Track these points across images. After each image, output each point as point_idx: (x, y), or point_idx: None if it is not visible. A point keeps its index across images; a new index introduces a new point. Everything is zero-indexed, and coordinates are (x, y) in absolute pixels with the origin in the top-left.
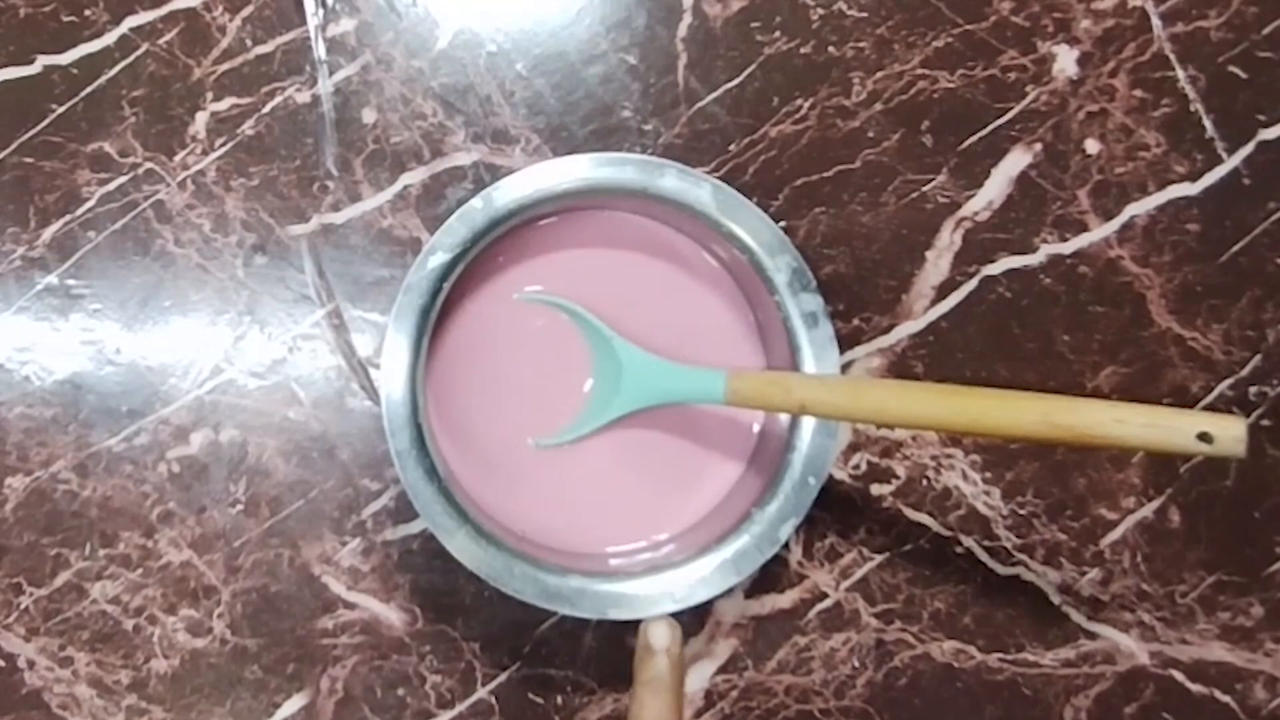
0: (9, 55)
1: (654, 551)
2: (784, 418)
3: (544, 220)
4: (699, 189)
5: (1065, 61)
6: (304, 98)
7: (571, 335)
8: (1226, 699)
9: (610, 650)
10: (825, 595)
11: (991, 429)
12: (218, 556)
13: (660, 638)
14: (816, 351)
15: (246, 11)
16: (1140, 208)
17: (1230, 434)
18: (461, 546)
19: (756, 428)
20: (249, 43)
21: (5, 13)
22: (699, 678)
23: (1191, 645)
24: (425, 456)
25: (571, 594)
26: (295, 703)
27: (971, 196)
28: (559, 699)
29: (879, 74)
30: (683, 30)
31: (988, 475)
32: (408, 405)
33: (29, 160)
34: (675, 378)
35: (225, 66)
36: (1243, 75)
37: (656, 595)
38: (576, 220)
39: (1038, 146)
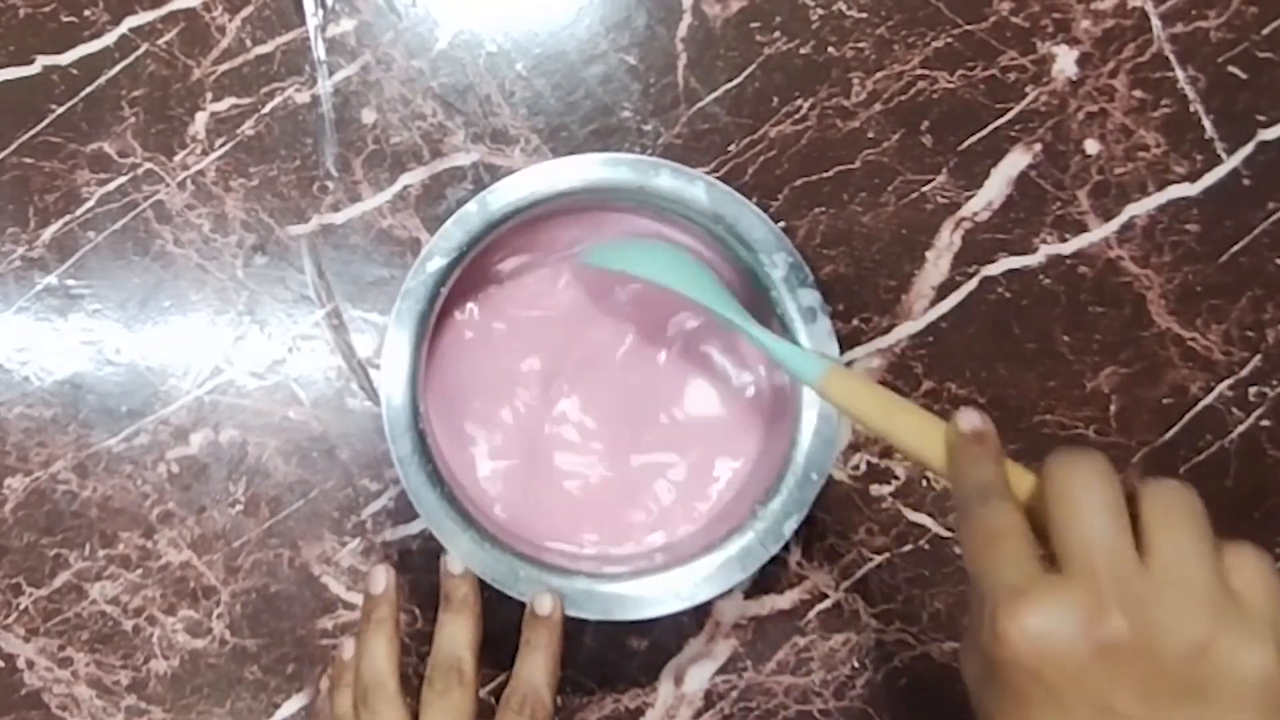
0: (9, 55)
1: (658, 551)
2: (785, 415)
3: (541, 221)
4: (693, 187)
5: (1065, 62)
6: (304, 98)
7: (570, 333)
8: None
9: (610, 651)
10: (825, 595)
11: None
12: (217, 557)
13: (544, 606)
14: (816, 346)
15: (246, 12)
16: (1140, 208)
17: None
18: (466, 551)
19: (758, 425)
20: (249, 43)
21: (5, 13)
22: (699, 678)
23: None
24: (428, 462)
25: (577, 596)
26: (295, 703)
27: (971, 197)
28: (559, 699)
29: (879, 74)
30: (683, 30)
31: None
32: (409, 411)
33: (29, 160)
34: (775, 348)
35: (225, 67)
36: (1243, 75)
37: (661, 594)
38: (573, 220)
39: (1037, 147)
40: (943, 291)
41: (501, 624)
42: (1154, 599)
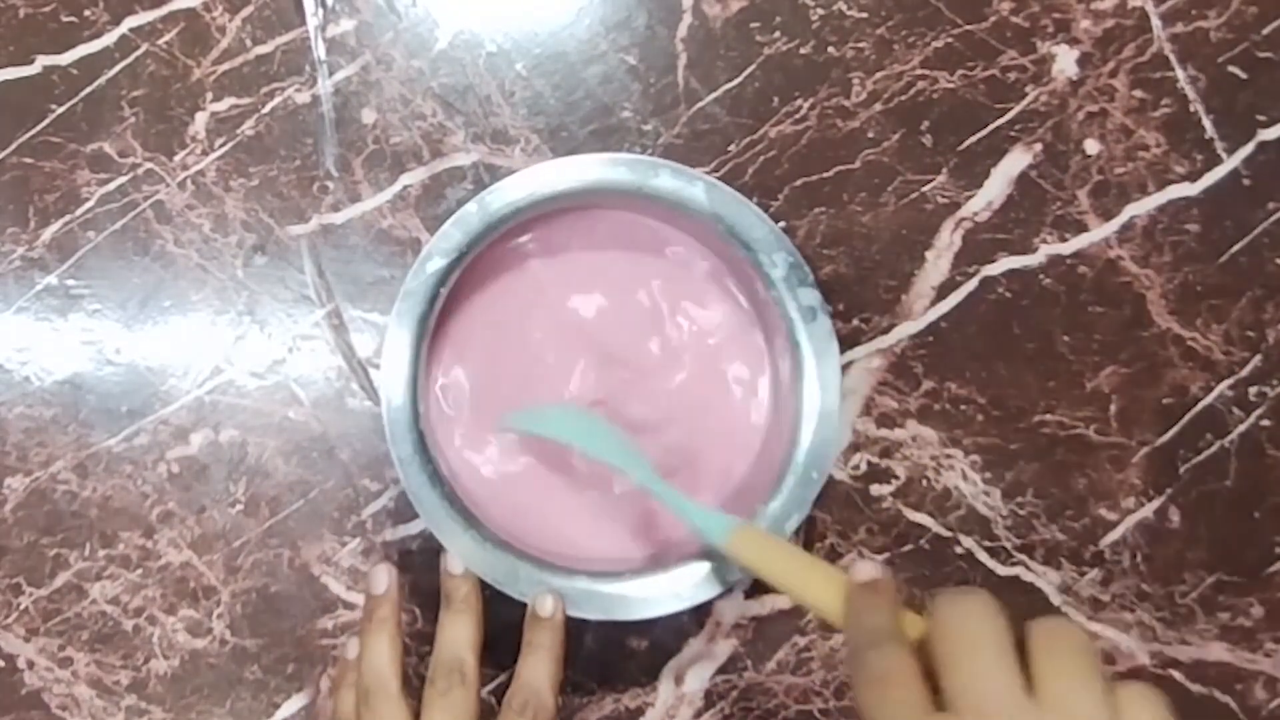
0: (9, 55)
1: (658, 551)
2: (785, 413)
3: (540, 221)
4: (693, 187)
5: (1065, 62)
6: (304, 98)
7: (571, 334)
8: (1226, 699)
9: (610, 651)
10: None
11: None
12: (217, 557)
13: (545, 607)
14: (816, 346)
15: (246, 12)
16: (1140, 208)
17: None
18: (467, 552)
19: (758, 425)
20: (249, 43)
21: (5, 13)
22: (699, 678)
23: (1191, 645)
24: (428, 463)
25: (577, 595)
26: (295, 703)
27: (971, 197)
28: (559, 699)
29: (879, 74)
30: (683, 30)
31: (988, 475)
32: (409, 412)
33: (29, 160)
34: (684, 507)
35: (225, 67)
36: (1243, 75)
37: (662, 594)
38: (573, 221)
39: (1037, 147)
40: (943, 291)
41: (503, 624)
42: None
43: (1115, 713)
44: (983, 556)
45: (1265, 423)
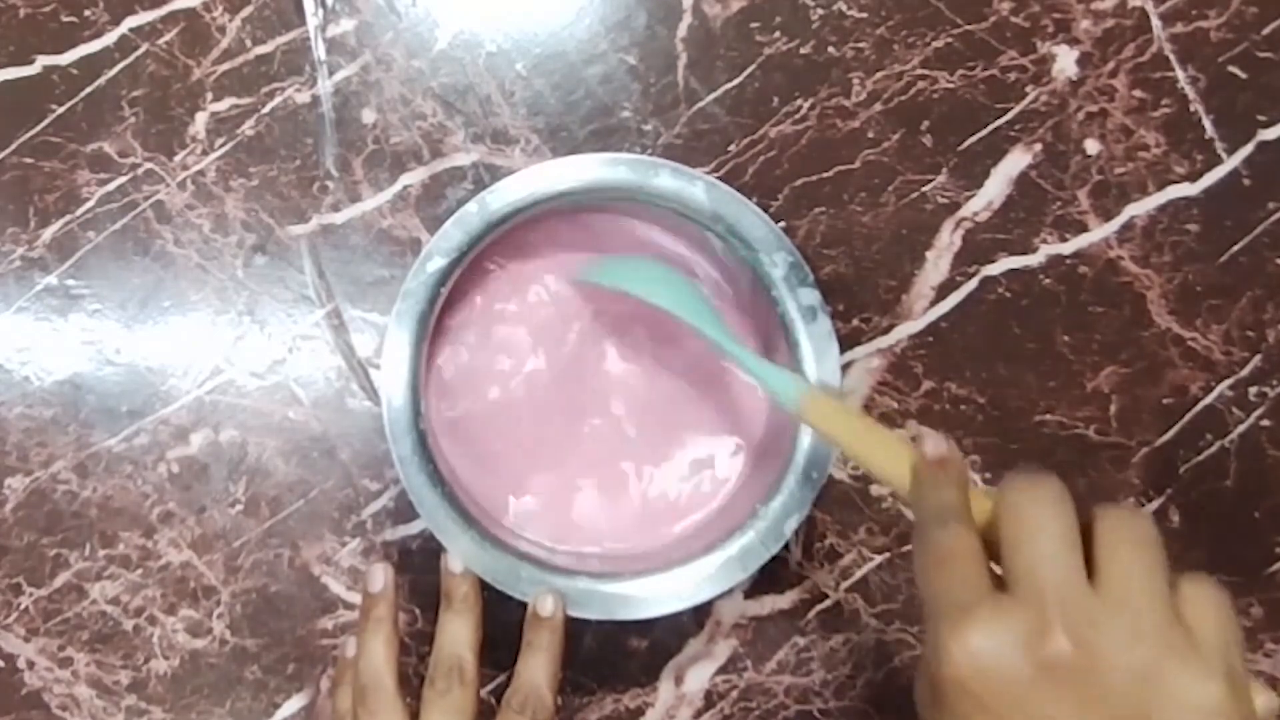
0: (9, 55)
1: (659, 551)
2: (784, 415)
3: (541, 221)
4: (693, 187)
5: (1065, 62)
6: (304, 98)
7: (572, 331)
8: None
9: (610, 651)
10: (825, 595)
11: None
12: (217, 557)
13: (546, 607)
14: (816, 346)
15: (246, 12)
16: (1140, 208)
17: None
18: (467, 552)
19: (759, 424)
20: (249, 43)
21: (5, 13)
22: (699, 678)
23: None
24: (428, 463)
25: (578, 595)
26: (295, 703)
27: (971, 197)
28: (559, 699)
29: (879, 74)
30: (683, 30)
31: (988, 475)
32: (409, 412)
33: (29, 160)
34: (757, 368)
35: (225, 67)
36: (1243, 75)
37: (662, 594)
38: (573, 220)
39: (1038, 147)
40: (943, 291)
41: (503, 624)
42: (1101, 622)
43: (1176, 609)
44: None
45: (1265, 423)
